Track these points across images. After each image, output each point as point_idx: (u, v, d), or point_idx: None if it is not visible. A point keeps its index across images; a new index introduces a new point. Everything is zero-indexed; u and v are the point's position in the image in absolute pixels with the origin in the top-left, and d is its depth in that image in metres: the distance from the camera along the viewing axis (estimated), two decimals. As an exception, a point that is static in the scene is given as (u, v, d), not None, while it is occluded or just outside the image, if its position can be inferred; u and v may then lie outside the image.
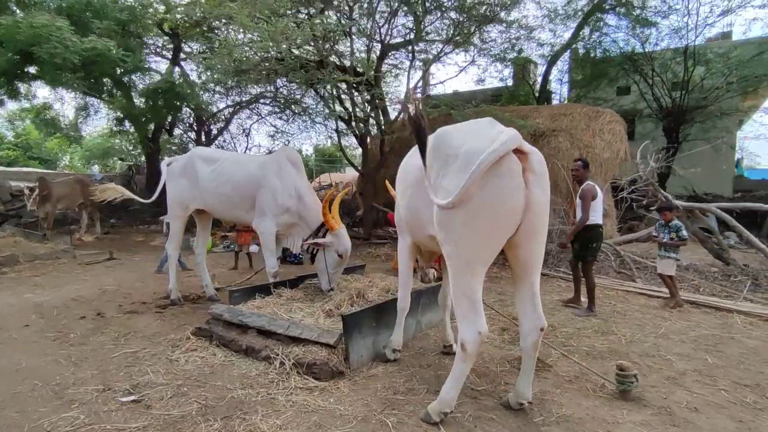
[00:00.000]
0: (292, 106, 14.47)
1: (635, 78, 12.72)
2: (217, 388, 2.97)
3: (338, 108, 9.78)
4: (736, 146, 14.02)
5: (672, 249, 5.30)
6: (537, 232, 2.41)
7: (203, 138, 14.21)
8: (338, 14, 9.42)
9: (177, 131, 15.25)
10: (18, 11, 9.01)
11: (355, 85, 8.35)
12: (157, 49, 14.04)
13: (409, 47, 10.23)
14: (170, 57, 13.41)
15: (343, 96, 10.21)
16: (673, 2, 11.83)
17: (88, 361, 3.47)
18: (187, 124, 13.95)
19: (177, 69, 12.47)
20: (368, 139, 10.21)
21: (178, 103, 9.61)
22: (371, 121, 9.63)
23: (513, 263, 2.55)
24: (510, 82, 16.10)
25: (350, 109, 9.84)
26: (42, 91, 22.07)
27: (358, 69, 8.73)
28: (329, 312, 4.01)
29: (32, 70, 9.27)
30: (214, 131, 14.94)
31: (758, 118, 12.61)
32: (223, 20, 10.03)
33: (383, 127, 9.39)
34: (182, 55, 13.22)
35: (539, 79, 17.02)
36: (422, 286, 4.81)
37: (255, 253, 9.03)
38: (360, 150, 10.71)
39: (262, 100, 14.38)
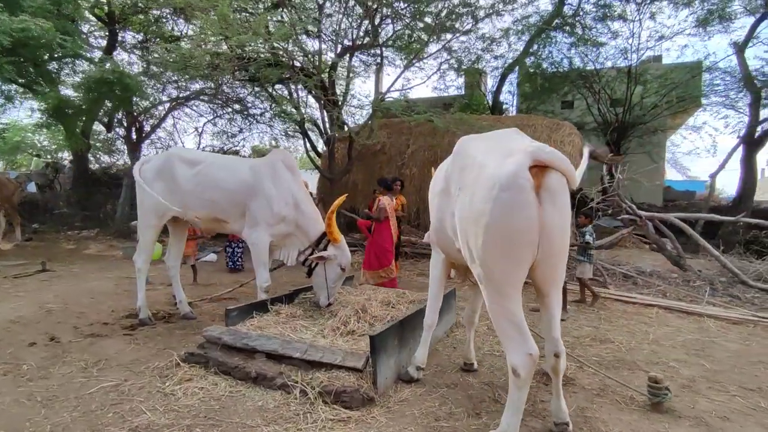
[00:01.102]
0: (236, 105, 13.89)
1: (583, 93, 13.53)
2: (237, 427, 2.58)
3: (291, 109, 9.43)
4: (665, 159, 15.39)
5: (583, 253, 5.68)
6: (552, 253, 2.19)
7: (134, 135, 13.04)
8: (293, 11, 9.02)
9: (101, 128, 13.84)
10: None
11: (308, 86, 8.06)
12: (92, 36, 12.70)
13: (370, 51, 10.16)
14: (106, 45, 12.19)
15: (297, 97, 9.84)
16: (616, 27, 12.83)
17: (60, 401, 2.89)
18: (115, 120, 12.61)
19: (122, 59, 11.37)
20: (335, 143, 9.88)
21: (124, 97, 8.63)
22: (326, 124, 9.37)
23: (533, 283, 2.40)
24: (462, 92, 16.54)
25: (303, 111, 9.52)
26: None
27: (311, 70, 8.43)
28: (337, 329, 3.72)
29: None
30: (147, 128, 13.76)
31: (687, 134, 13.99)
32: (173, 8, 9.30)
33: (349, 131, 9.13)
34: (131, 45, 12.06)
35: (489, 91, 17.68)
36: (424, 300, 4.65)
37: (214, 262, 8.38)
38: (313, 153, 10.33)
39: (202, 97, 13.58)
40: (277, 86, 11.23)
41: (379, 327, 3.54)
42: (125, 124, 12.84)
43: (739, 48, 12.74)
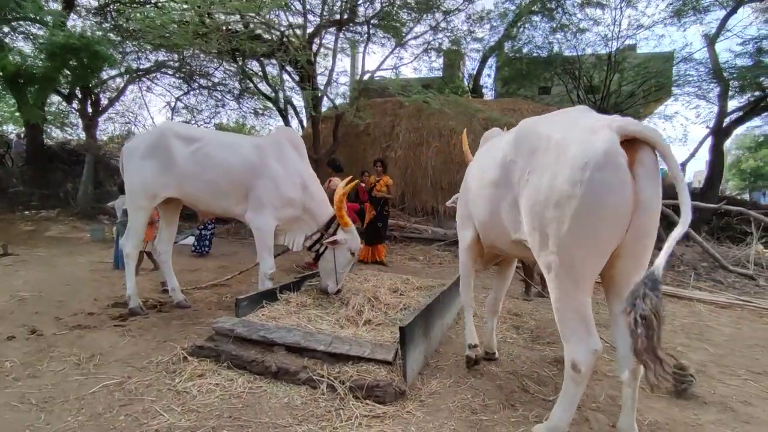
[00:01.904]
0: (202, 80, 13.15)
1: (564, 79, 13.66)
2: (267, 427, 2.39)
3: (264, 87, 9.00)
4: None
5: None
6: (646, 235, 2.03)
7: (89, 109, 12.12)
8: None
9: (55, 99, 12.76)
10: None
11: (293, 60, 7.66)
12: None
13: (355, 27, 9.76)
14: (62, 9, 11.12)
15: (279, 73, 9.38)
16: (596, 15, 12.96)
17: (59, 403, 2.59)
18: (65, 93, 11.60)
19: (75, 24, 10.35)
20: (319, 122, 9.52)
21: (91, 66, 7.88)
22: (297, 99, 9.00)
23: (610, 274, 2.18)
24: (441, 74, 16.38)
25: (280, 89, 9.10)
26: None
27: (297, 45, 8.01)
28: (352, 319, 3.56)
29: None
30: (104, 101, 12.81)
31: (659, 123, 14.46)
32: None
33: (336, 109, 8.79)
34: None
35: (467, 74, 17.60)
36: (437, 286, 4.56)
37: (192, 245, 7.96)
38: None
39: (163, 70, 12.77)
40: (250, 63, 10.71)
41: (403, 316, 3.43)
42: (79, 96, 11.86)
43: (710, 40, 13.18)
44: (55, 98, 12.49)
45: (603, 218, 1.92)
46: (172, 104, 13.56)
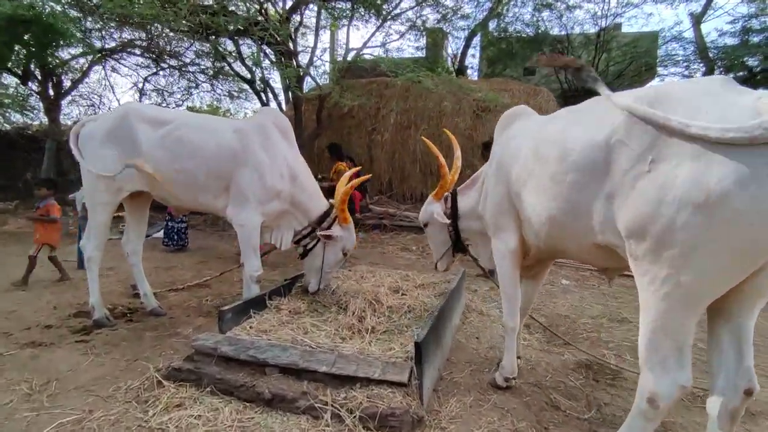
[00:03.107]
0: (171, 60, 12.24)
1: (553, 59, 13.29)
2: (264, 476, 1.97)
3: (240, 69, 8.33)
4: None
5: None
6: None
7: (51, 91, 11.14)
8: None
9: (8, 81, 11.67)
10: None
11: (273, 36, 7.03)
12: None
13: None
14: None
15: (259, 52, 8.69)
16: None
17: (1, 450, 2.10)
18: (20, 73, 10.56)
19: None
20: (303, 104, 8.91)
21: (44, 42, 7.05)
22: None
23: (733, 292, 1.70)
24: (424, 53, 15.77)
25: (255, 65, 8.43)
26: None
27: (266, 18, 7.36)
28: (354, 328, 3.14)
29: None
30: (67, 83, 11.79)
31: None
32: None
33: (320, 89, 8.21)
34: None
35: (450, 54, 17.05)
36: (440, 283, 4.18)
37: (163, 240, 7.34)
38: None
39: (130, 49, 11.81)
40: (224, 42, 9.95)
41: (409, 321, 3.06)
42: (39, 78, 10.85)
43: (696, 19, 13.01)
44: (12, 79, 11.41)
45: (758, 227, 1.45)
46: (140, 85, 12.59)
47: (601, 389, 2.89)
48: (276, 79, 10.88)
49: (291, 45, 7.50)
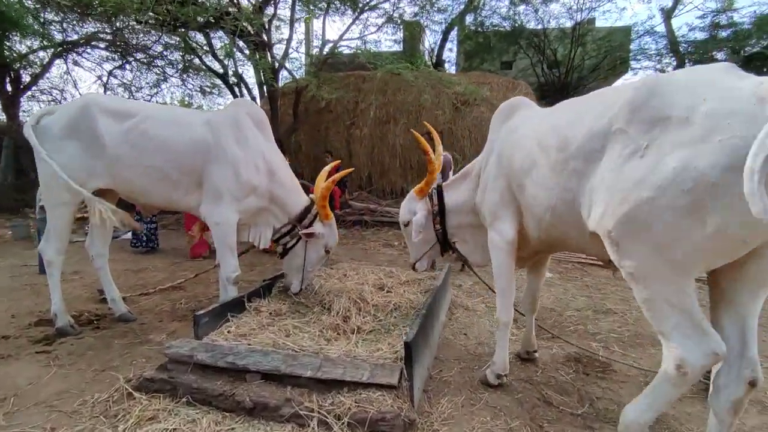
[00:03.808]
0: (139, 54, 11.73)
1: (529, 53, 13.39)
2: (248, 493, 1.82)
3: (213, 63, 8.03)
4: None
5: None
6: None
7: (9, 87, 10.53)
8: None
9: None
10: None
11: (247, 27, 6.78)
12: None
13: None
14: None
15: (232, 44, 8.39)
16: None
17: (-52, 481, 1.89)
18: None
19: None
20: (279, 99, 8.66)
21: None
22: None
23: (734, 278, 1.72)
24: (401, 47, 15.66)
25: (228, 56, 8.14)
26: None
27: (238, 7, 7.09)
28: (339, 328, 3.01)
29: None
30: (26, 79, 11.16)
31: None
32: None
33: (296, 83, 7.98)
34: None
35: (427, 47, 16.98)
36: (429, 282, 4.08)
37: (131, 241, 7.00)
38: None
39: (94, 43, 11.26)
40: (195, 36, 9.59)
41: (396, 319, 2.95)
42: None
43: (667, 14, 13.31)
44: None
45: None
46: (105, 79, 12.04)
47: (592, 383, 2.84)
48: (250, 74, 10.61)
49: (265, 36, 7.24)
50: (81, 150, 3.13)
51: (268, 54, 7.30)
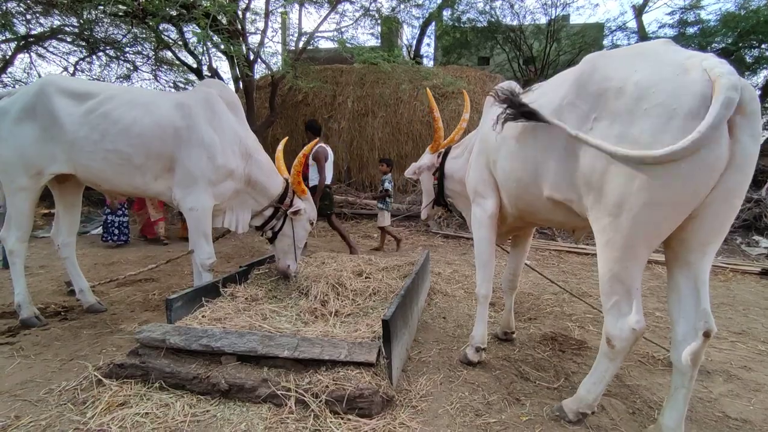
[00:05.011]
0: (108, 48, 11.34)
1: (506, 48, 13.53)
2: (223, 472, 1.78)
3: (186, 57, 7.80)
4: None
5: (382, 201, 6.13)
6: (736, 196, 1.68)
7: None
8: None
9: None
10: None
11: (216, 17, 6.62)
12: None
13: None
14: None
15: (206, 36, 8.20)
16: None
17: None
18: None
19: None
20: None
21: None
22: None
23: (682, 239, 1.79)
24: (379, 41, 15.62)
25: (202, 42, 7.95)
26: None
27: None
28: (317, 312, 2.98)
29: None
30: None
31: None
32: None
33: (272, 74, 7.83)
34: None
35: (405, 42, 16.99)
36: (404, 265, 4.08)
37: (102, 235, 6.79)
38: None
39: (60, 36, 10.83)
40: (167, 31, 9.34)
41: (374, 303, 2.93)
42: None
43: (638, 11, 13.65)
44: None
45: (688, 176, 1.57)
46: (71, 70, 11.61)
47: (568, 359, 2.89)
48: (225, 69, 10.37)
49: (239, 25, 7.09)
50: (39, 133, 2.99)
51: (243, 45, 7.16)
